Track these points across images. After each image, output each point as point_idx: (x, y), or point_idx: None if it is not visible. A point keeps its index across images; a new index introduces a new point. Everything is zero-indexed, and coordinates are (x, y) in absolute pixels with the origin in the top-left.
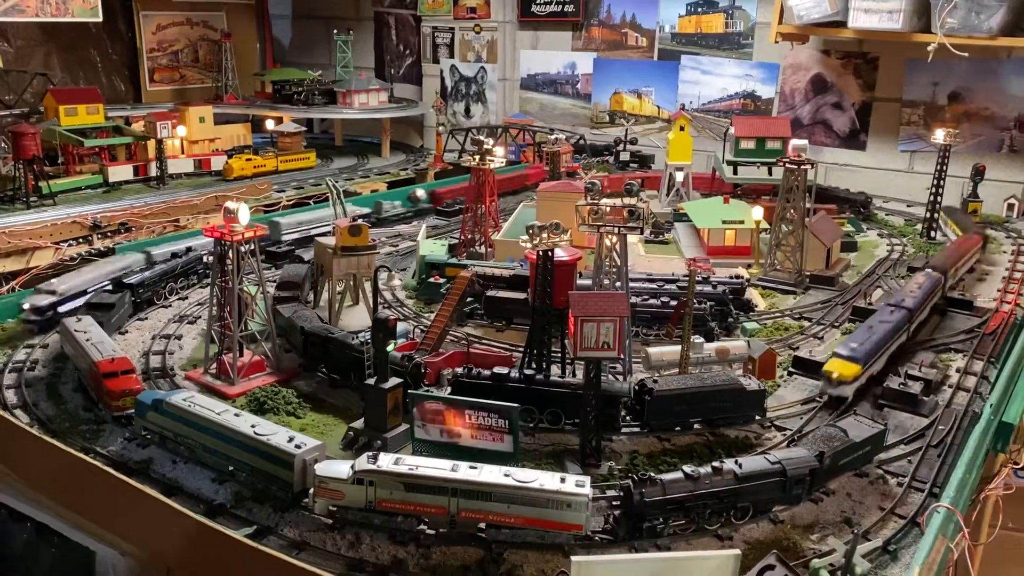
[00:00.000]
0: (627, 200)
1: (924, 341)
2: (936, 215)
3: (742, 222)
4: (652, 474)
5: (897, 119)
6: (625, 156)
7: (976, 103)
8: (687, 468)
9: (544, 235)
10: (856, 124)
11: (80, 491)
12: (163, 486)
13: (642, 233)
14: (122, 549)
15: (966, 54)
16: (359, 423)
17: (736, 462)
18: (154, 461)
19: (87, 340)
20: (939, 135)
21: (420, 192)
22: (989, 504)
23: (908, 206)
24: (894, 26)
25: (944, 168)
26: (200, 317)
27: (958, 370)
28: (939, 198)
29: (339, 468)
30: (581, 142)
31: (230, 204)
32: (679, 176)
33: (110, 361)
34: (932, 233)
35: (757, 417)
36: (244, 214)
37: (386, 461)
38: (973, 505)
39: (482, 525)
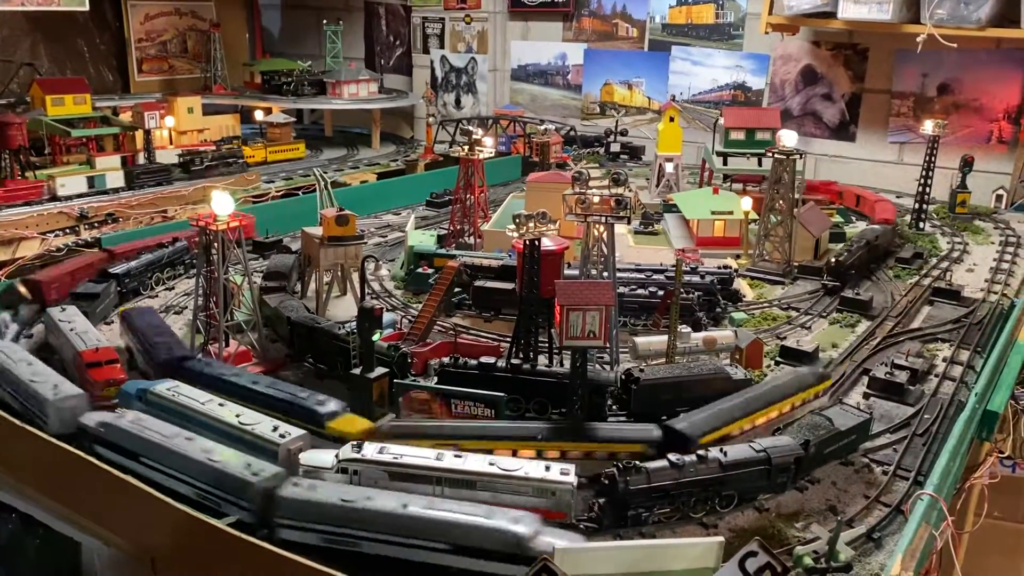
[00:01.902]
0: (614, 190)
1: (911, 331)
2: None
3: (731, 213)
4: (637, 462)
5: (886, 110)
6: (615, 147)
7: (965, 94)
8: (672, 456)
9: (531, 224)
10: (846, 115)
11: (64, 482)
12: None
13: (629, 223)
14: (107, 540)
15: (955, 45)
16: None
17: (721, 450)
18: None
19: (71, 330)
20: (928, 126)
21: (18, 288)
22: (975, 493)
23: (897, 197)
24: (884, 17)
25: (933, 159)
26: (186, 307)
27: (944, 359)
28: (928, 189)
29: (324, 457)
30: (571, 133)
31: (217, 193)
32: (669, 167)
33: (94, 351)
34: (921, 223)
35: None
36: (221, 202)
37: (370, 450)
38: (958, 494)
39: None
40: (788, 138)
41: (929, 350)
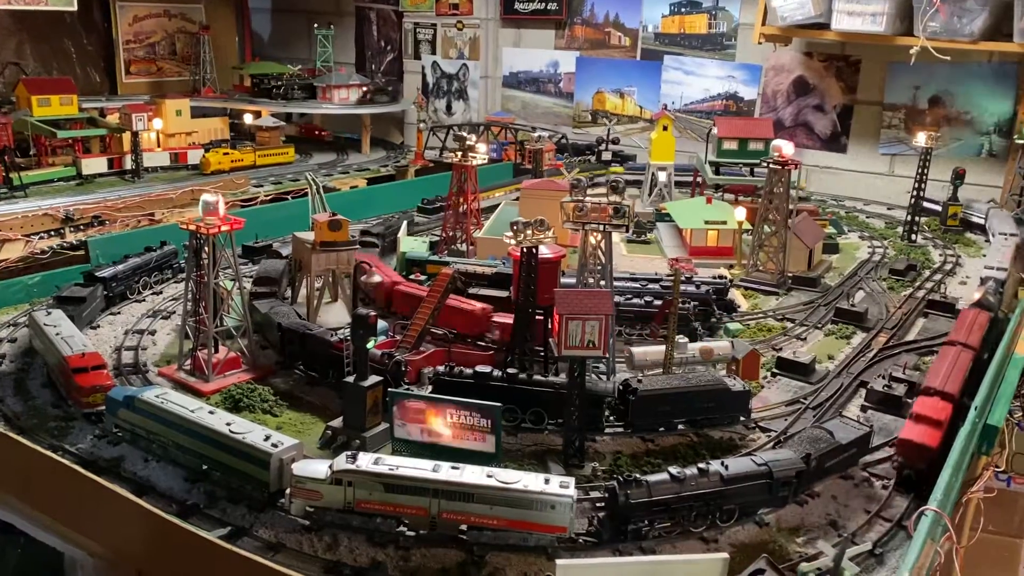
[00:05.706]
0: (612, 198)
1: (907, 343)
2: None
3: (725, 223)
4: (638, 475)
5: (878, 122)
6: (607, 156)
7: (957, 107)
8: (673, 469)
9: (528, 232)
10: (837, 127)
11: (48, 490)
12: (134, 485)
13: (627, 231)
14: (90, 550)
15: (948, 58)
16: (337, 422)
17: (722, 463)
18: (125, 459)
19: (57, 334)
20: (920, 138)
21: None
22: (971, 507)
23: (889, 209)
24: (877, 29)
25: (925, 171)
26: (175, 312)
27: None
28: (920, 201)
29: (317, 468)
30: (563, 141)
31: (207, 196)
32: (662, 176)
33: (80, 356)
34: (913, 236)
35: (741, 418)
36: (209, 204)
37: (365, 461)
38: (956, 508)
39: (464, 527)
40: (786, 146)
41: (926, 363)
